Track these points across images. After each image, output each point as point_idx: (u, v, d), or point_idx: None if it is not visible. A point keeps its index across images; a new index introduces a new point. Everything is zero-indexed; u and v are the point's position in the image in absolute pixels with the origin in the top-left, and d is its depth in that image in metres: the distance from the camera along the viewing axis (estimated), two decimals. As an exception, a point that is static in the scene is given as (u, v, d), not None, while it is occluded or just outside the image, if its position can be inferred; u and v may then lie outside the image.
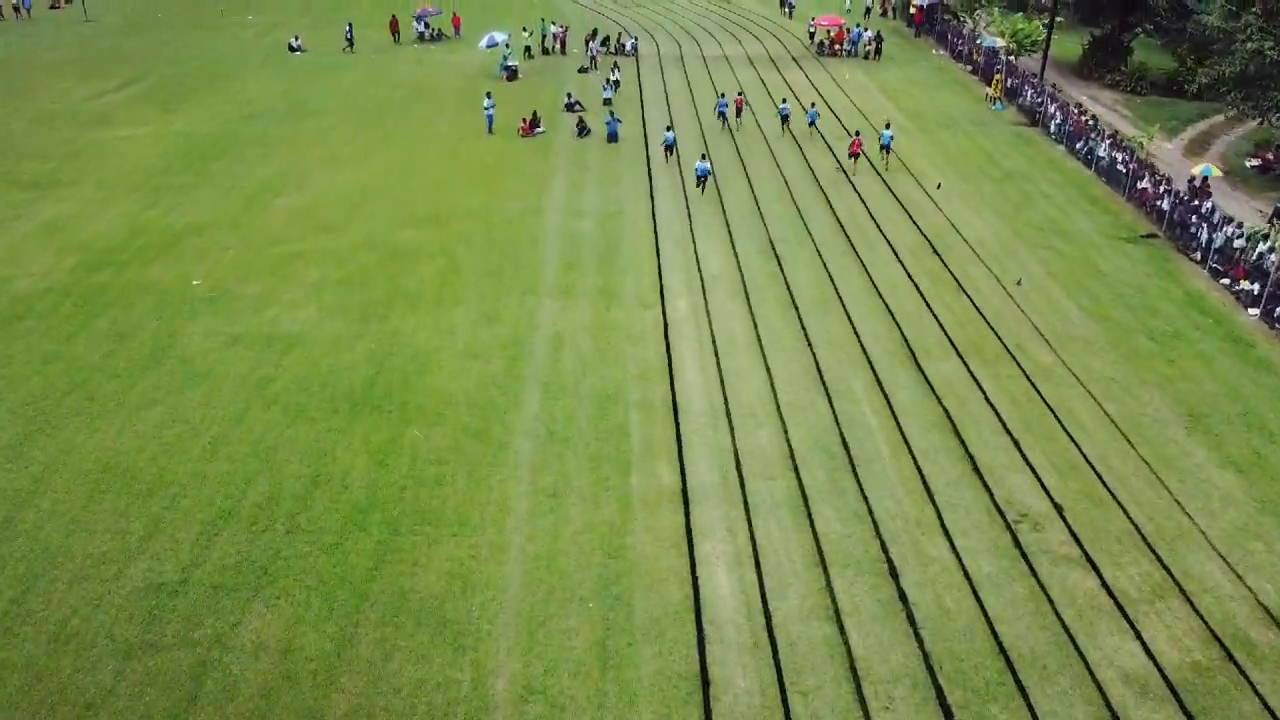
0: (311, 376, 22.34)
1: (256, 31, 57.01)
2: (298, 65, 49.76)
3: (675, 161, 37.28)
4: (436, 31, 55.65)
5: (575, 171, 35.27)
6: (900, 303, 25.96)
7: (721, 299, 26.09)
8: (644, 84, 47.25)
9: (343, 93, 45.08)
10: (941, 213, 31.92)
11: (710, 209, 32.09)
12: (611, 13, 64.34)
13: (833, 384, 22.28)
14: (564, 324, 24.71)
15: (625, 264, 28.05)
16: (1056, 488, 18.94)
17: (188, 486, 18.73)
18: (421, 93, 45.05)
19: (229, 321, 24.66)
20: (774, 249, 29.07)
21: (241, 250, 28.71)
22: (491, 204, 32.25)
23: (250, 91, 45.05)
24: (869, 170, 35.76)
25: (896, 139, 38.58)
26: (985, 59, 47.91)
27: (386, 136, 38.84)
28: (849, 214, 31.74)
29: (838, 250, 29.09)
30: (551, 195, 33.04)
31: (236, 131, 39.29)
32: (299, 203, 32.25)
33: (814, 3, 66.24)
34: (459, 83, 46.90)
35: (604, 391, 21.90)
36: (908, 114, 42.38)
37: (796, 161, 36.52)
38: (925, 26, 57.15)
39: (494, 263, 28.04)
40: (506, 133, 39.17)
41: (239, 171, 34.94)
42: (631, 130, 39.74)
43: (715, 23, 60.90)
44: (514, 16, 61.74)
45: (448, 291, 26.30)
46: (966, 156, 37.22)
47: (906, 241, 29.70)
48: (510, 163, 36.03)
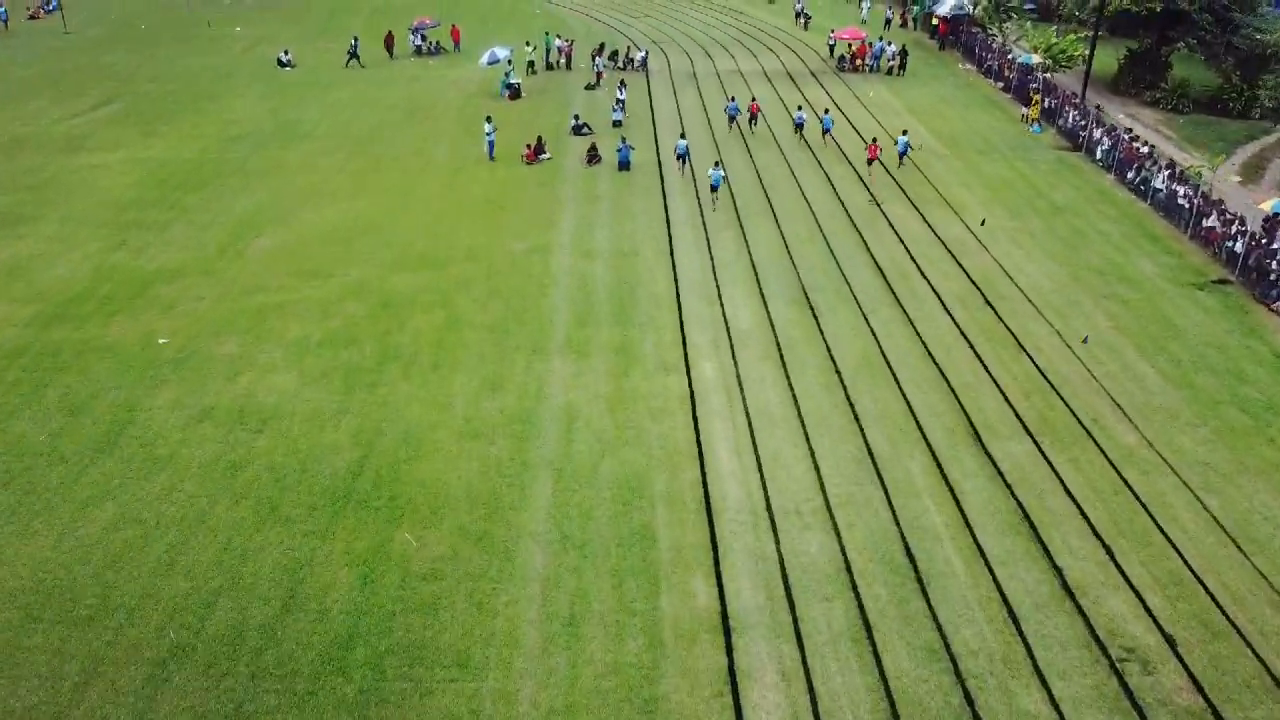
0: (288, 462, 19.41)
1: (244, 45, 54.06)
2: (286, 82, 46.82)
3: (689, 172, 35.44)
4: (434, 45, 52.72)
5: (584, 204, 32.34)
6: (955, 366, 23.03)
7: (753, 361, 23.16)
8: (656, 102, 44.31)
9: (333, 113, 42.14)
10: (988, 253, 28.99)
11: (734, 248, 29.17)
12: (619, 24, 61.43)
13: (888, 471, 19.36)
14: (577, 393, 21.78)
15: (643, 316, 25.13)
16: (1164, 612, 16.02)
17: (137, 611, 15.80)
18: (418, 113, 42.10)
19: (197, 391, 21.73)
20: (807, 298, 26.14)
21: (215, 301, 25.77)
22: (494, 243, 29.32)
23: (234, 111, 42.10)
24: (902, 200, 32.85)
25: (933, 167, 35.81)
26: (1018, 75, 44.97)
27: (379, 163, 35.89)
28: (887, 255, 28.81)
29: (879, 300, 26.16)
30: (559, 232, 30.12)
31: (217, 157, 36.33)
32: (281, 242, 29.31)
33: (830, 13, 63.34)
34: (458, 101, 43.95)
35: (625, 481, 18.98)
36: (941, 137, 39.45)
37: (822, 187, 33.58)
38: (950, 38, 54.21)
39: (497, 315, 25.12)
40: (509, 159, 36.24)
41: (218, 205, 31.99)
42: (644, 155, 36.81)
43: (729, 35, 57.98)
44: (516, 28, 58.83)
45: (445, 352, 23.37)
46: (1009, 187, 34.28)
47: (954, 289, 26.77)
48: (514, 194, 33.09)
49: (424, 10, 62.13)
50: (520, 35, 56.07)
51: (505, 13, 63.97)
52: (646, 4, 67.14)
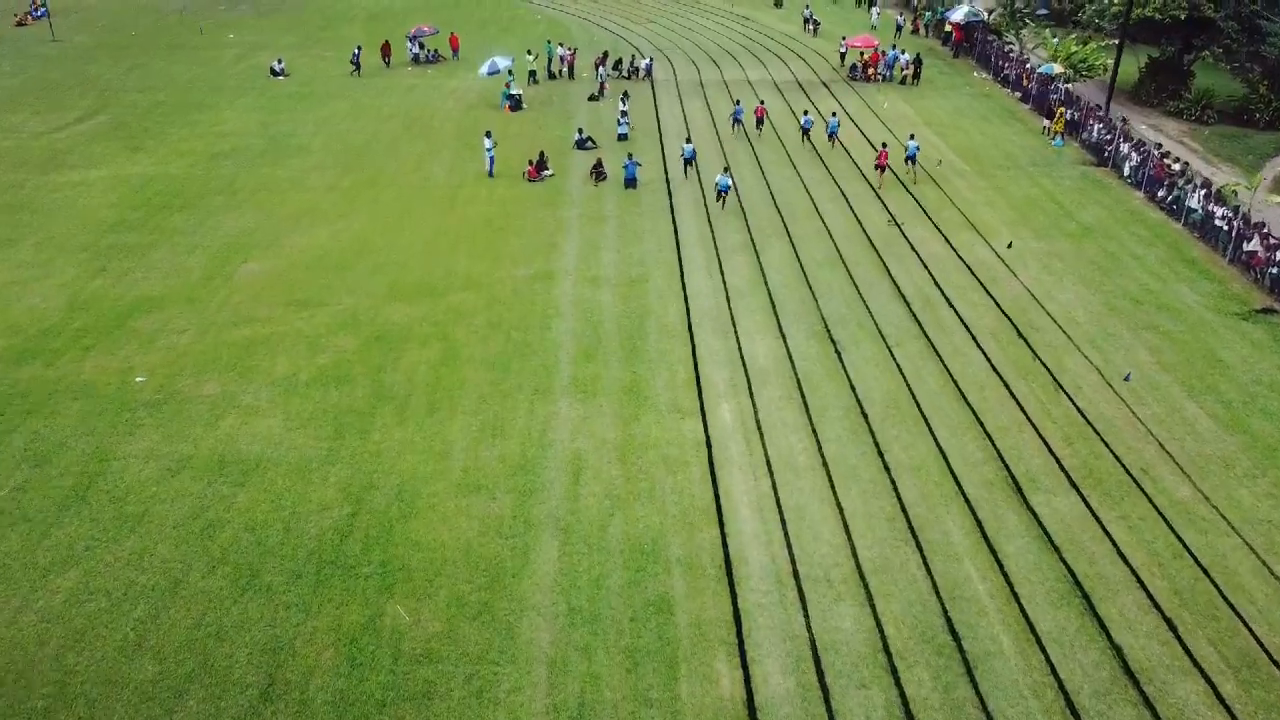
0: (271, 521, 17.82)
1: (237, 53, 52.45)
2: (279, 93, 45.22)
3: (695, 176, 34.95)
4: (433, 53, 51.13)
5: (590, 225, 30.74)
6: (990, 408, 21.44)
7: (773, 403, 21.57)
8: (661, 113, 42.72)
9: (327, 125, 40.54)
10: (1018, 279, 27.40)
11: (748, 273, 27.58)
12: (622, 30, 59.85)
13: (924, 530, 17.77)
14: (584, 439, 20.19)
15: (654, 351, 23.54)
16: (1239, 702, 14.43)
17: (99, 703, 14.21)
18: (414, 126, 40.50)
19: (175, 437, 20.13)
20: (828, 330, 24.55)
21: (198, 334, 24.18)
22: (494, 269, 27.74)
23: (225, 124, 40.50)
24: (923, 220, 31.27)
25: (954, 184, 34.24)
26: (1038, 85, 43.37)
27: (374, 181, 34.29)
28: (911, 281, 27.23)
29: (904, 332, 24.57)
30: (563, 256, 28.54)
31: (205, 175, 34.73)
32: (270, 267, 27.71)
33: (839, 19, 61.78)
34: (457, 113, 42.35)
35: (637, 542, 17.39)
36: (961, 151, 37.86)
37: (836, 202, 31.99)
38: (964, 46, 52.61)
39: (498, 350, 23.54)
40: (511, 176, 34.65)
41: (204, 227, 30.40)
42: (651, 171, 35.21)
43: (736, 42, 56.39)
44: (516, 35, 57.27)
45: (442, 392, 21.78)
46: (1035, 206, 32.68)
47: (984, 321, 25.17)
48: (515, 214, 31.50)
49: (421, 17, 60.63)
50: (521, 43, 54.53)
51: (505, 19, 62.39)
52: (650, 9, 65.61)
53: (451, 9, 64.52)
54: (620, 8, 65.79)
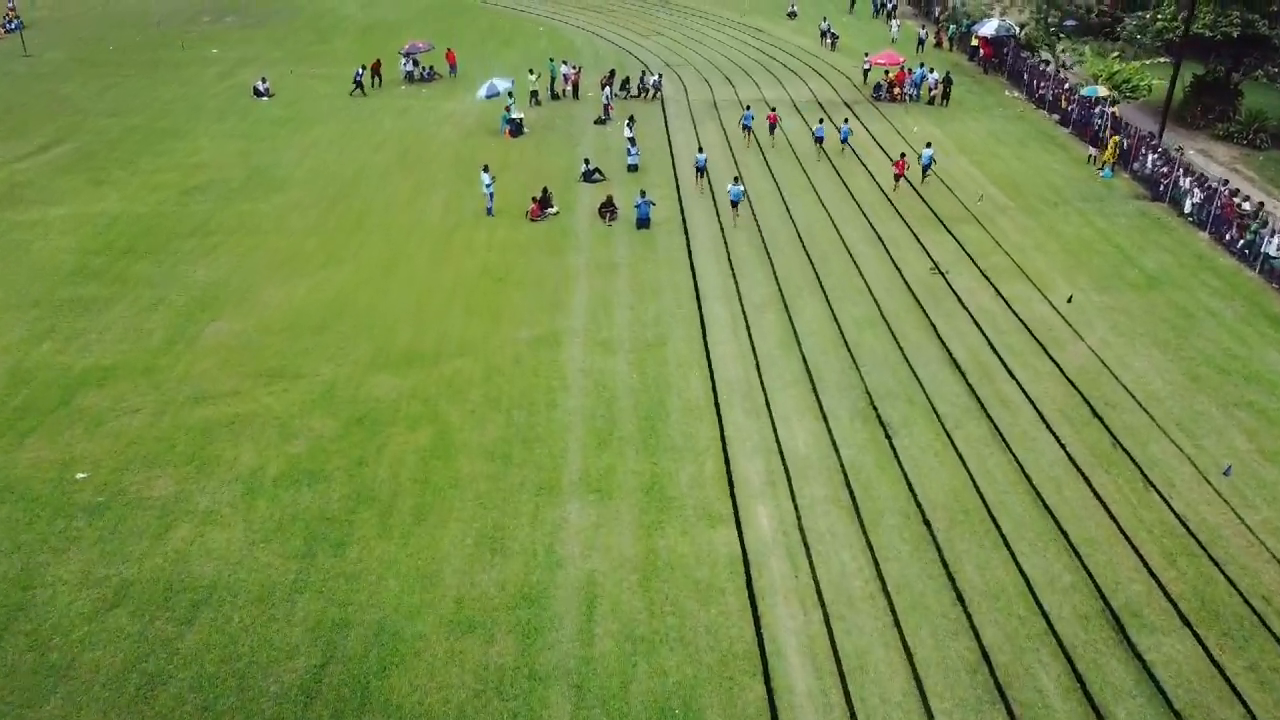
0: (223, 676, 14.72)
1: (219, 70, 49.33)
2: (262, 116, 42.11)
3: (707, 186, 34.05)
4: (428, 70, 48.02)
5: (600, 275, 27.64)
6: (1072, 512, 18.34)
7: (818, 506, 18.47)
8: (674, 137, 39.64)
9: (312, 154, 37.42)
10: (1083, 341, 24.31)
11: (779, 335, 24.49)
12: (629, 44, 56.75)
13: (1012, 685, 14.69)
14: (598, 556, 17.11)
15: (677, 436, 20.44)
16: None
17: None
18: (407, 155, 37.39)
19: (115, 555, 17.04)
20: (875, 408, 21.45)
21: (153, 414, 21.08)
22: (493, 330, 24.65)
23: (201, 153, 37.39)
24: (968, 265, 28.18)
25: (998, 223, 31.19)
26: (1078, 108, 40.27)
27: (361, 221, 31.18)
28: (962, 344, 24.14)
29: (962, 411, 21.47)
30: (570, 314, 25.44)
31: (175, 214, 31.62)
32: (241, 328, 24.61)
33: (856, 32, 58.68)
34: (453, 139, 39.26)
35: (665, 704, 14.31)
36: (1001, 183, 34.76)
37: (872, 247, 28.89)
38: (994, 62, 49.49)
39: (497, 434, 20.45)
40: (511, 214, 31.56)
41: (170, 276, 27.31)
42: (665, 208, 32.12)
43: (749, 57, 53.27)
44: (517, 49, 54.18)
45: (432, 493, 18.69)
46: (1091, 250, 29.58)
47: (1051, 395, 22.07)
48: (517, 262, 28.40)
49: (417, 30, 57.63)
50: (522, 58, 51.51)
51: (506, 31, 59.26)
52: (657, 21, 62.54)
53: (448, 21, 61.47)
54: (626, 19, 62.73)
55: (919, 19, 62.51)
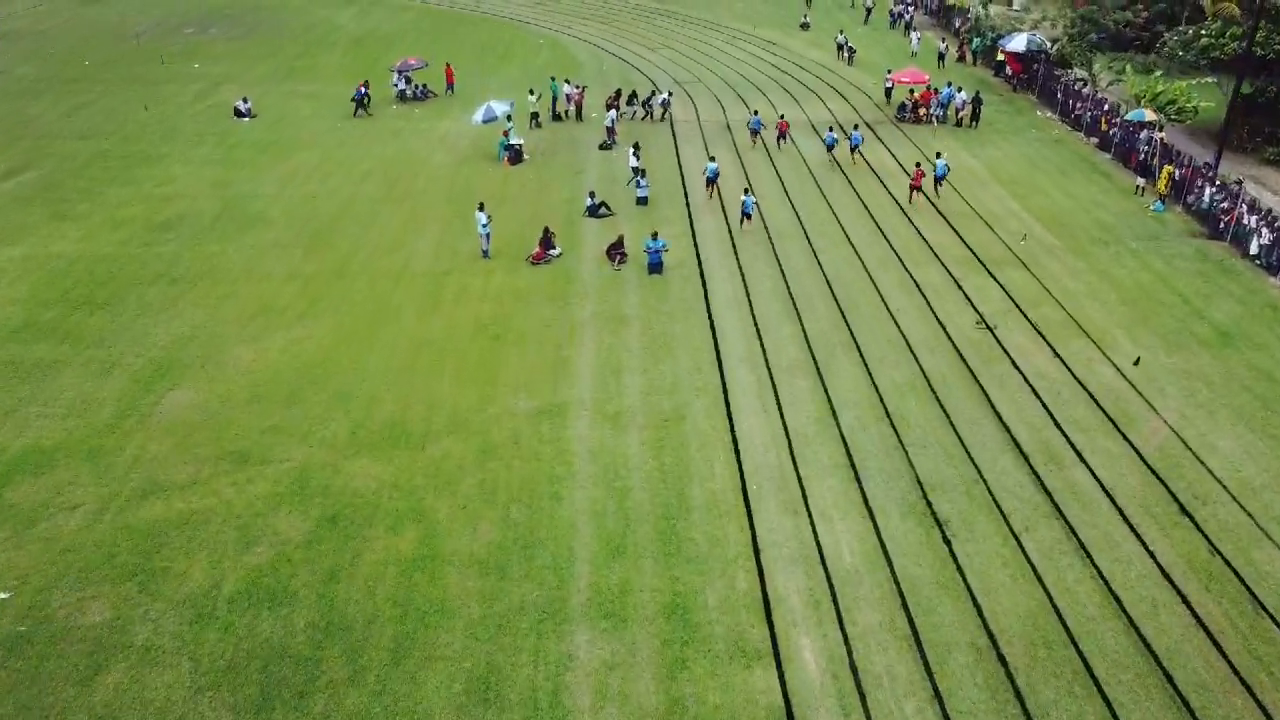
0: None
1: (200, 87, 46.43)
2: (242, 139, 39.22)
3: (718, 196, 33.13)
4: (421, 88, 45.10)
5: (608, 330, 24.77)
6: (1175, 648, 15.44)
7: (872, 638, 15.59)
8: (686, 163, 36.78)
9: (293, 184, 34.53)
10: (1157, 414, 21.42)
11: (813, 407, 21.61)
12: (634, 58, 53.88)
13: None
14: (613, 709, 14.24)
15: (701, 539, 17.56)
16: None
17: None
18: (396, 186, 34.49)
19: (32, 711, 14.15)
20: (930, 505, 18.56)
21: (94, 511, 18.21)
22: (488, 398, 21.79)
23: (174, 183, 34.52)
24: (1017, 317, 25.31)
25: (1046, 266, 28.39)
26: (1122, 132, 37.37)
27: (344, 266, 28.28)
28: (1021, 419, 21.24)
29: (1031, 507, 18.57)
30: (576, 379, 22.57)
31: (140, 255, 28.75)
32: (203, 399, 21.73)
33: (873, 43, 55.78)
34: (447, 167, 36.37)
35: None
36: (1045, 218, 31.88)
37: (909, 296, 26.02)
38: (1023, 79, 46.57)
39: (492, 538, 17.58)
40: (510, 256, 28.69)
41: (129, 332, 24.44)
42: (680, 250, 29.25)
43: (764, 73, 50.36)
44: (516, 64, 51.29)
45: (414, 619, 15.81)
46: (1150, 298, 26.69)
47: (1130, 486, 19.17)
48: (516, 314, 25.52)
49: (410, 42, 54.86)
50: (521, 73, 48.67)
51: (504, 45, 56.32)
52: (665, 32, 59.67)
53: (444, 33, 58.63)
54: (632, 31, 59.84)
55: (937, 30, 59.61)
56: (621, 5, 67.40)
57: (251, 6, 65.50)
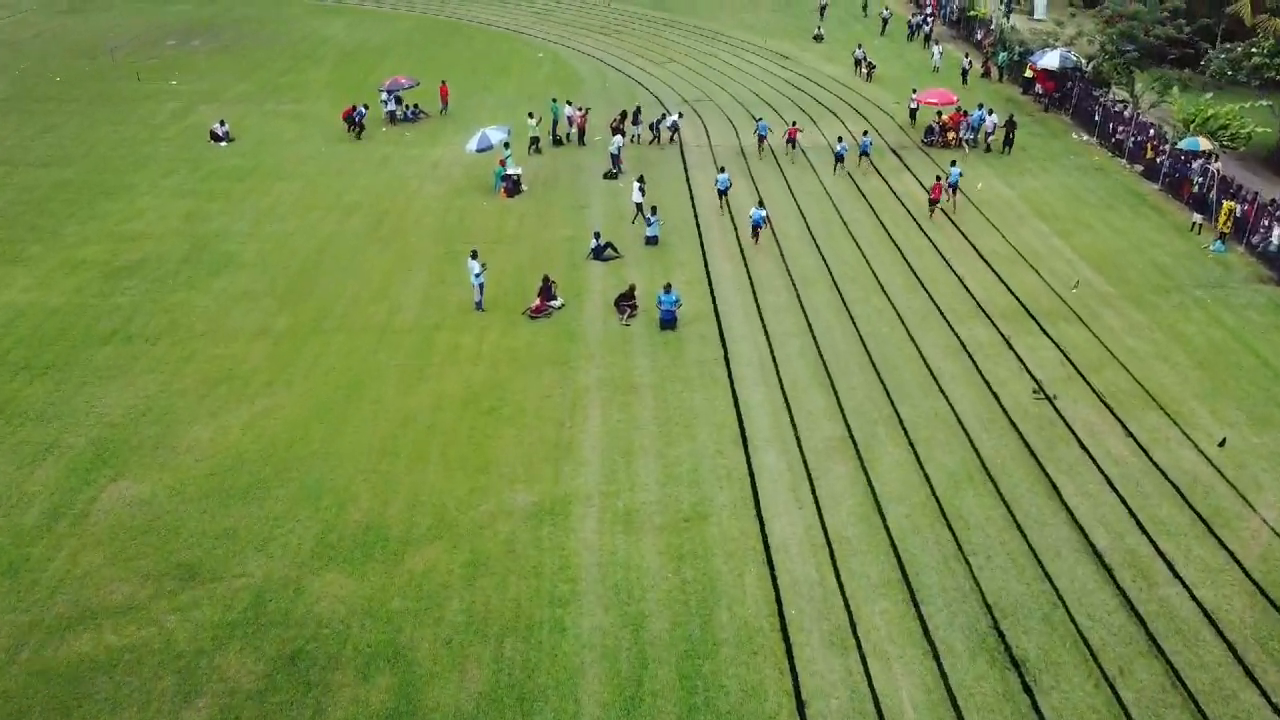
0: None
1: (176, 107, 43.46)
2: (217, 167, 36.27)
3: (727, 209, 32.15)
4: (413, 109, 42.14)
5: (617, 401, 21.84)
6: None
7: (950, 833, 12.67)
8: (697, 191, 33.87)
9: (270, 220, 31.58)
10: (1255, 513, 18.48)
11: (853, 501, 18.70)
12: (639, 74, 50.96)
13: None
14: None
15: (733, 690, 14.63)
16: None
17: None
18: (383, 222, 31.54)
19: None
20: (1003, 641, 15.62)
21: (9, 647, 15.28)
22: (480, 490, 18.87)
23: (140, 217, 31.58)
24: (1084, 392, 22.38)
25: (1104, 319, 25.57)
26: (1171, 162, 34.43)
27: (320, 321, 25.33)
28: (1098, 517, 18.30)
29: (1124, 639, 15.63)
30: (582, 462, 19.66)
31: (94, 307, 25.83)
32: (149, 493, 18.81)
33: (892, 56, 52.84)
34: (439, 200, 33.43)
35: None
36: (1094, 259, 28.96)
37: (956, 359, 23.12)
38: (1055, 98, 43.63)
39: (482, 685, 14.67)
40: (506, 307, 25.79)
41: (71, 405, 21.51)
42: (694, 297, 26.35)
43: (776, 90, 47.41)
44: (514, 79, 48.35)
45: (386, 806, 12.89)
46: (1226, 360, 23.74)
47: (1237, 609, 16.22)
48: (512, 381, 22.60)
49: (401, 56, 51.95)
50: (519, 91, 45.80)
51: (501, 58, 53.34)
52: (671, 45, 56.72)
53: (438, 45, 55.68)
54: (637, 43, 56.87)
55: (957, 43, 56.68)
56: (624, 15, 64.51)
57: (238, 17, 62.56)
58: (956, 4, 60.00)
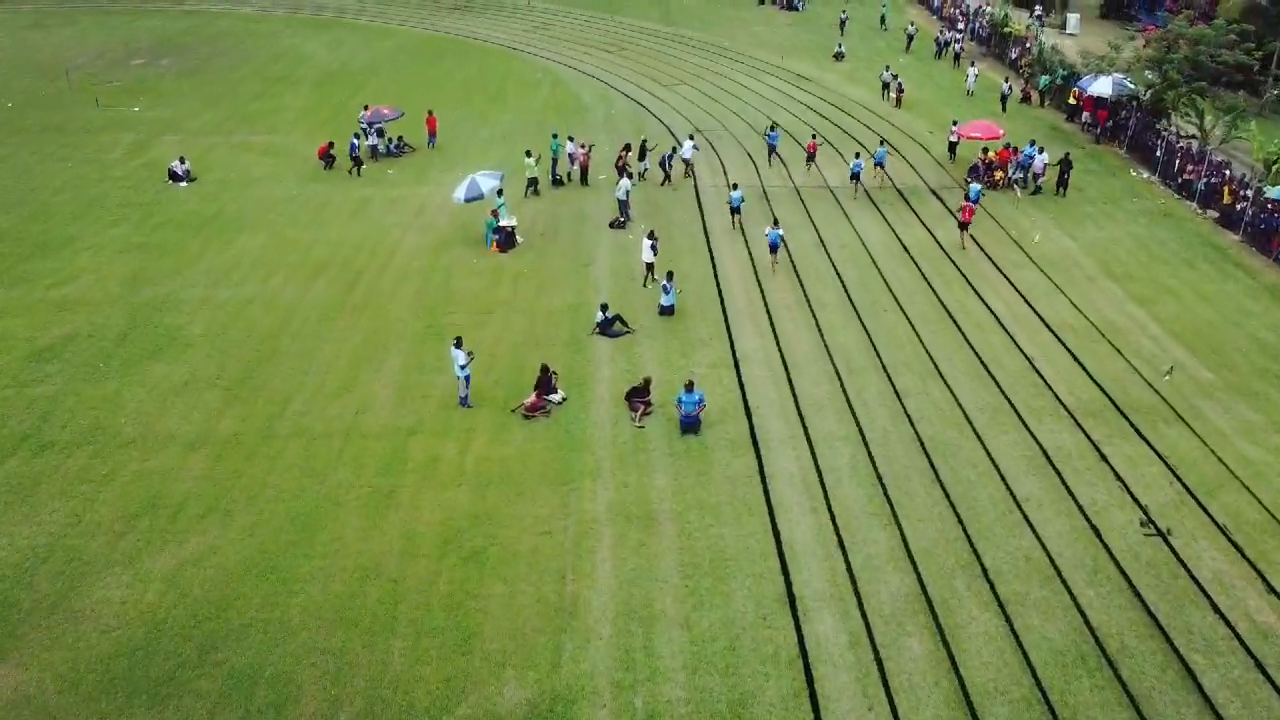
0: None
1: (136, 139, 39.25)
2: (172, 214, 32.10)
3: (740, 229, 30.77)
4: (396, 143, 37.99)
5: (631, 539, 17.68)
6: None
7: None
8: (716, 247, 29.73)
9: (226, 284, 27.39)
10: None
11: (940, 689, 14.56)
12: (646, 98, 46.82)
13: None
14: None
15: None
16: None
17: None
18: (356, 285, 27.38)
19: None
20: None
21: None
22: (457, 680, 14.73)
23: (77, 280, 27.41)
24: (1202, 524, 18.26)
25: (1206, 417, 21.51)
26: (1256, 211, 30.27)
27: (272, 420, 21.12)
28: None
29: None
30: (588, 633, 15.53)
31: (6, 400, 21.64)
32: (32, 686, 14.63)
33: (921, 77, 48.67)
34: (421, 255, 29.25)
35: None
36: (1183, 335, 24.82)
37: (1039, 476, 19.00)
38: (1107, 127, 39.46)
39: None
40: (495, 404, 21.66)
41: (-44, 546, 17.37)
42: (720, 389, 22.23)
43: (798, 116, 43.28)
44: (510, 109, 44.18)
45: None
46: (1370, 478, 19.65)
47: None
48: (501, 513, 18.42)
49: (384, 80, 47.83)
50: (515, 118, 41.79)
51: (496, 81, 49.06)
52: (681, 65, 52.55)
53: (427, 67, 51.48)
54: (644, 63, 52.66)
55: (988, 61, 52.51)
56: (628, 30, 60.41)
57: (214, 32, 58.36)
58: (986, 19, 55.87)
